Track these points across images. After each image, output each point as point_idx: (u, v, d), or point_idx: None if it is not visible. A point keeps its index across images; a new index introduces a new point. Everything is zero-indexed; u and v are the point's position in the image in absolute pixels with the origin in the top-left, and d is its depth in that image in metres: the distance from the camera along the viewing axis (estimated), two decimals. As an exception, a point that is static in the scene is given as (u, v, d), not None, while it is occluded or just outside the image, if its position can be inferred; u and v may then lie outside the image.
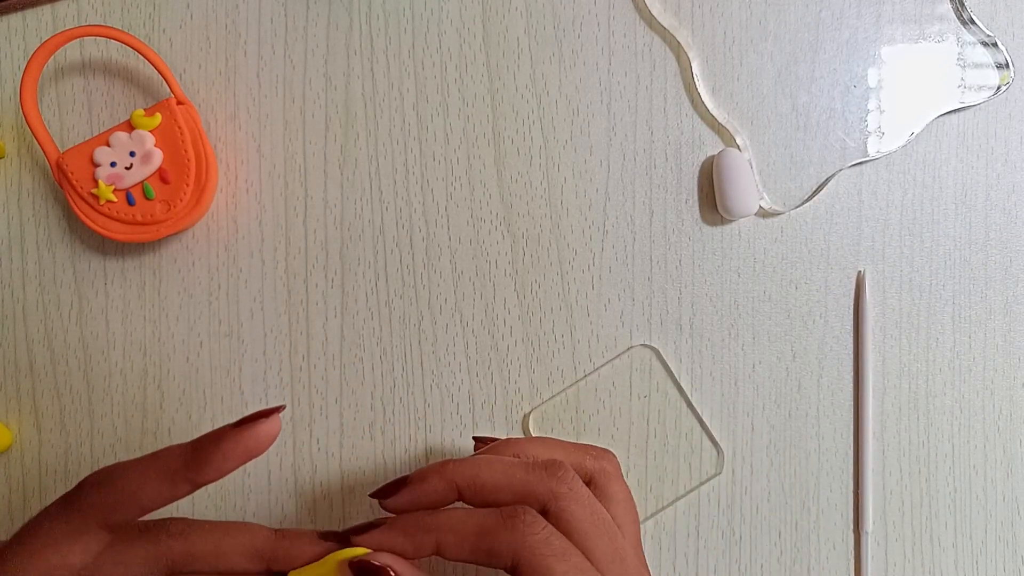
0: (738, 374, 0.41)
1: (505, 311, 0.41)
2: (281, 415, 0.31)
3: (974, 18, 0.41)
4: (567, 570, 0.28)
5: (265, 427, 0.28)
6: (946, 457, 0.42)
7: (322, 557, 0.29)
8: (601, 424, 0.41)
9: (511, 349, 0.41)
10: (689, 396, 0.41)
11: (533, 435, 0.41)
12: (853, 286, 0.41)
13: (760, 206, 0.40)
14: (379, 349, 0.41)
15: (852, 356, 0.41)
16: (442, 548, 0.29)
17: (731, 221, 0.41)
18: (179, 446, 0.28)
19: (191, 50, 0.41)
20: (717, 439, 0.41)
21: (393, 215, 0.41)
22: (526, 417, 0.41)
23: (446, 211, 0.41)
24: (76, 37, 0.37)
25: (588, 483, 0.32)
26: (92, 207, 0.38)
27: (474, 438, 0.38)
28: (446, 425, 0.41)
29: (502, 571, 0.29)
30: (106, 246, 0.41)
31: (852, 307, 0.41)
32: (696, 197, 0.41)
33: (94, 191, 0.38)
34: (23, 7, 0.41)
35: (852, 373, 0.41)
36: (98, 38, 0.41)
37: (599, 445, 0.34)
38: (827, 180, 0.41)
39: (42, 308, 0.41)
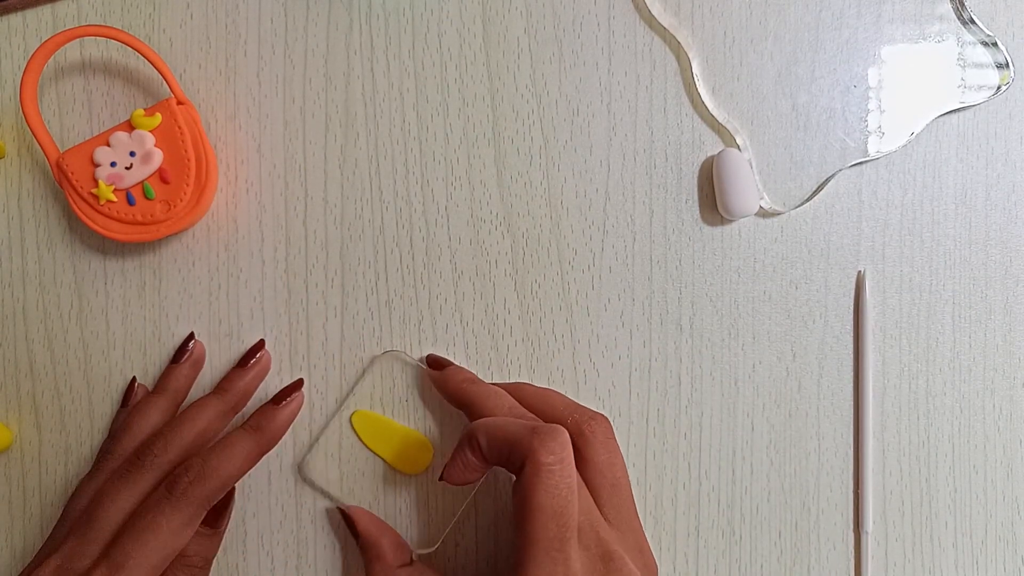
0: (738, 374, 0.41)
1: (505, 311, 0.41)
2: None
3: (974, 18, 0.41)
4: (557, 484, 0.31)
5: (300, 397, 0.39)
6: (946, 457, 0.42)
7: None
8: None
9: (511, 349, 0.41)
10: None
11: (316, 481, 0.40)
12: (853, 286, 0.41)
13: (760, 206, 0.40)
14: (379, 349, 0.41)
15: (852, 356, 0.41)
16: (482, 445, 0.33)
17: (731, 221, 0.41)
18: (242, 432, 0.36)
19: (191, 50, 0.41)
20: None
21: (393, 215, 0.41)
22: (300, 465, 0.40)
23: (446, 211, 0.41)
24: (76, 37, 0.37)
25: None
26: (92, 207, 0.38)
27: (429, 360, 0.40)
28: (446, 425, 0.41)
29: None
30: (106, 246, 0.41)
31: (852, 307, 0.41)
32: (696, 197, 0.41)
33: (94, 191, 0.38)
34: (23, 7, 0.41)
35: (852, 373, 0.41)
36: (98, 38, 0.41)
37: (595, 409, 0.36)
38: (827, 180, 0.41)
39: (42, 308, 0.41)
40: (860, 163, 0.41)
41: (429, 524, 0.41)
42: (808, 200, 0.41)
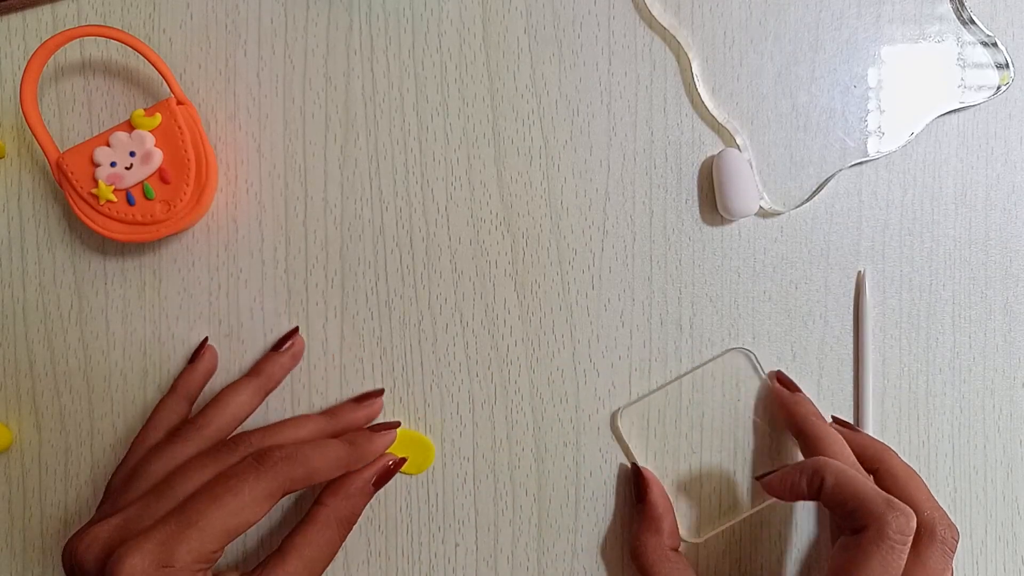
0: (738, 374, 0.41)
1: (505, 311, 0.41)
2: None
3: (974, 18, 0.41)
4: (893, 560, 0.31)
5: (394, 432, 0.39)
6: (946, 457, 0.42)
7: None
8: (692, 427, 0.41)
9: (511, 349, 0.41)
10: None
11: (623, 433, 0.41)
12: (853, 286, 0.41)
13: (760, 206, 0.40)
14: (379, 349, 0.41)
15: (852, 356, 0.41)
16: (825, 483, 0.34)
17: (731, 221, 0.41)
18: (339, 443, 0.36)
19: (191, 50, 0.41)
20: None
21: (393, 215, 0.41)
22: (615, 414, 0.41)
23: (446, 211, 0.41)
24: (76, 37, 0.37)
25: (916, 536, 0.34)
26: (92, 207, 0.38)
27: (779, 377, 0.41)
28: (446, 425, 0.41)
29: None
30: (106, 246, 0.41)
31: (852, 307, 0.41)
32: (696, 197, 0.41)
33: (94, 191, 0.38)
34: (23, 7, 0.41)
35: (852, 373, 0.41)
36: (98, 38, 0.41)
37: (951, 519, 0.35)
38: (827, 180, 0.41)
39: (42, 308, 0.41)
40: (860, 163, 0.41)
41: (430, 522, 0.41)
42: (808, 200, 0.41)
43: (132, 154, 0.38)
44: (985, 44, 0.41)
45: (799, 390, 0.40)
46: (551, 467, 0.41)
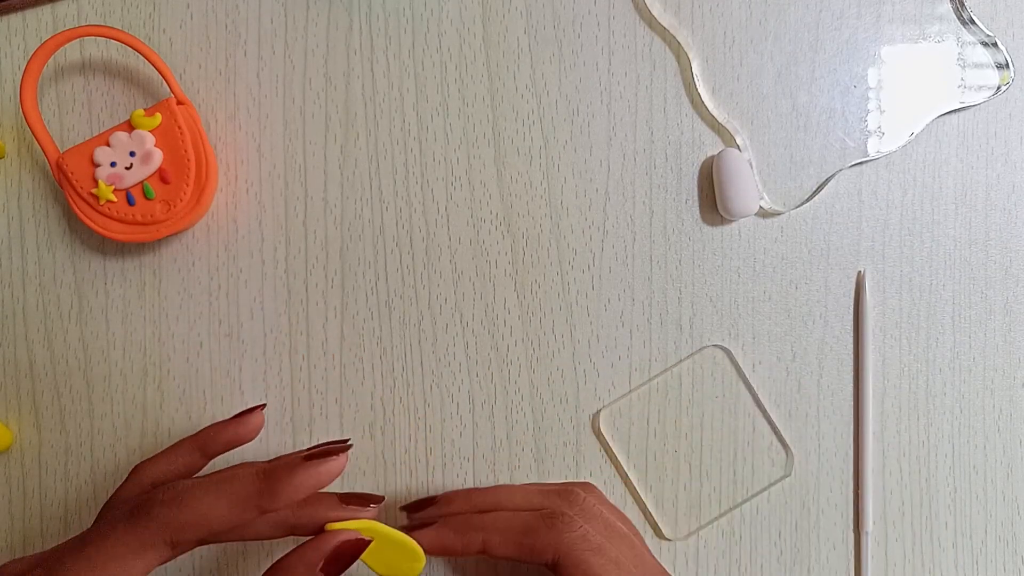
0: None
1: (505, 311, 0.41)
2: (268, 414, 0.34)
3: (974, 18, 0.41)
4: (603, 563, 0.31)
5: (337, 463, 0.29)
6: (946, 457, 0.42)
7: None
8: (669, 425, 0.41)
9: (511, 349, 0.41)
10: (759, 397, 0.41)
11: (604, 434, 0.41)
12: (853, 286, 0.41)
13: (760, 206, 0.40)
14: (379, 349, 0.41)
15: (852, 356, 0.41)
16: (489, 546, 0.32)
17: (731, 221, 0.41)
18: (250, 472, 0.29)
19: (191, 50, 0.41)
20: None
21: (393, 215, 0.41)
22: (596, 415, 0.41)
23: (446, 211, 0.41)
24: (76, 37, 0.37)
25: None
26: (92, 207, 0.38)
27: (403, 508, 0.37)
28: (446, 425, 0.41)
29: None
30: (106, 246, 0.41)
31: (852, 307, 0.41)
32: (696, 197, 0.41)
33: (94, 191, 0.38)
34: (23, 7, 0.41)
35: (852, 373, 0.41)
36: (98, 38, 0.41)
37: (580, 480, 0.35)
38: (827, 180, 0.41)
39: (42, 308, 0.41)
40: (860, 163, 0.41)
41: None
42: (808, 200, 0.41)
43: (132, 154, 0.38)
44: (985, 44, 0.41)
45: (433, 504, 0.36)
46: (551, 467, 0.41)
